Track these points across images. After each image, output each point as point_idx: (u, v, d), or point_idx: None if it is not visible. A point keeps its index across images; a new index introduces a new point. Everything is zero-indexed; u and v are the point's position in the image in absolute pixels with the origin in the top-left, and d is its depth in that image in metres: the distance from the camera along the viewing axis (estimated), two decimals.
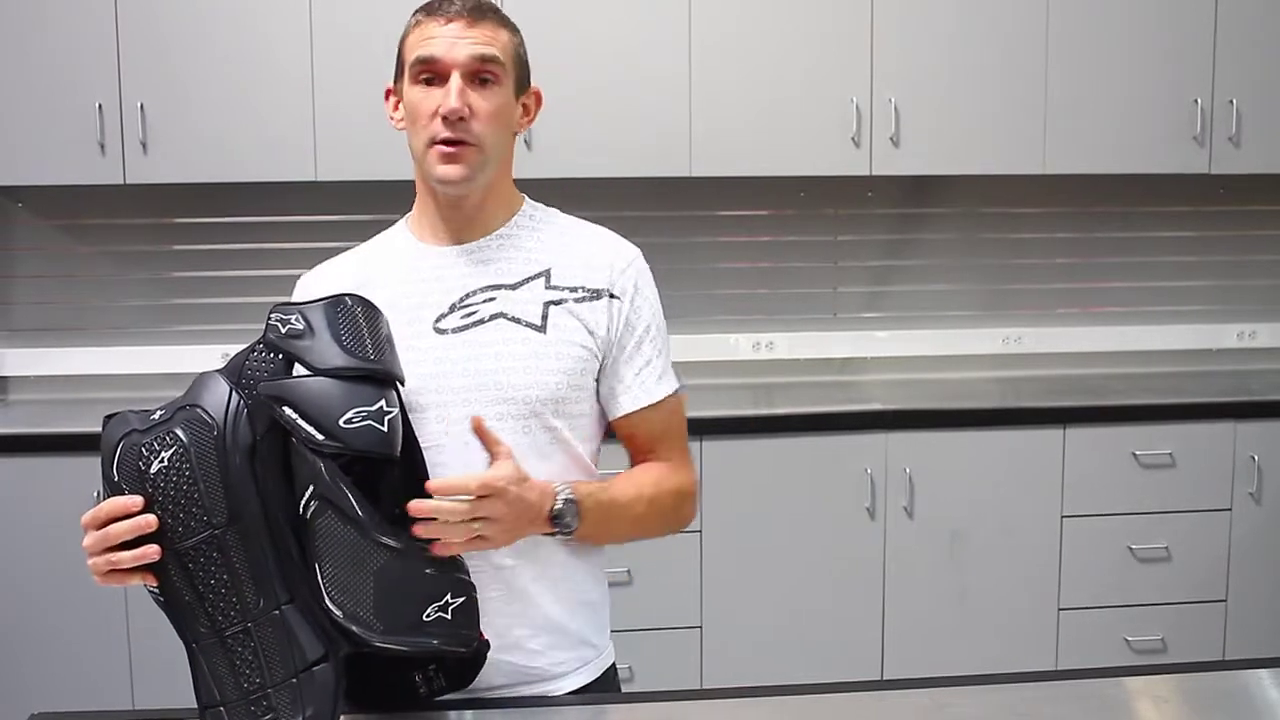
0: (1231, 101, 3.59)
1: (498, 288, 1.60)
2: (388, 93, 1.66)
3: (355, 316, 1.40)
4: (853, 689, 1.64)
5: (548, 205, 1.72)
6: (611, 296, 1.61)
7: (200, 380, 1.37)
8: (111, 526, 1.30)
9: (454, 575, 1.40)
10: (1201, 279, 4.04)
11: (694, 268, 3.75)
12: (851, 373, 3.92)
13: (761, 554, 3.38)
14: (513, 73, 1.59)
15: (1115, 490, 3.49)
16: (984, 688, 1.59)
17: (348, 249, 1.76)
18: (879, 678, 3.35)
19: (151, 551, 1.29)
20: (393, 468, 1.40)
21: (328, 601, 1.33)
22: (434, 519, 1.36)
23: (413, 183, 1.68)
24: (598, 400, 1.64)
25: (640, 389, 1.62)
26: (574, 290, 1.60)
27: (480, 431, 1.49)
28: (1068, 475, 3.47)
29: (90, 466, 2.95)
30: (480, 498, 1.39)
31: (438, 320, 1.58)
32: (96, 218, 3.69)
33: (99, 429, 1.37)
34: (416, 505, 1.36)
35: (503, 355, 1.56)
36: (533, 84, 1.66)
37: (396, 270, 1.64)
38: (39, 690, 3.18)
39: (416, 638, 1.36)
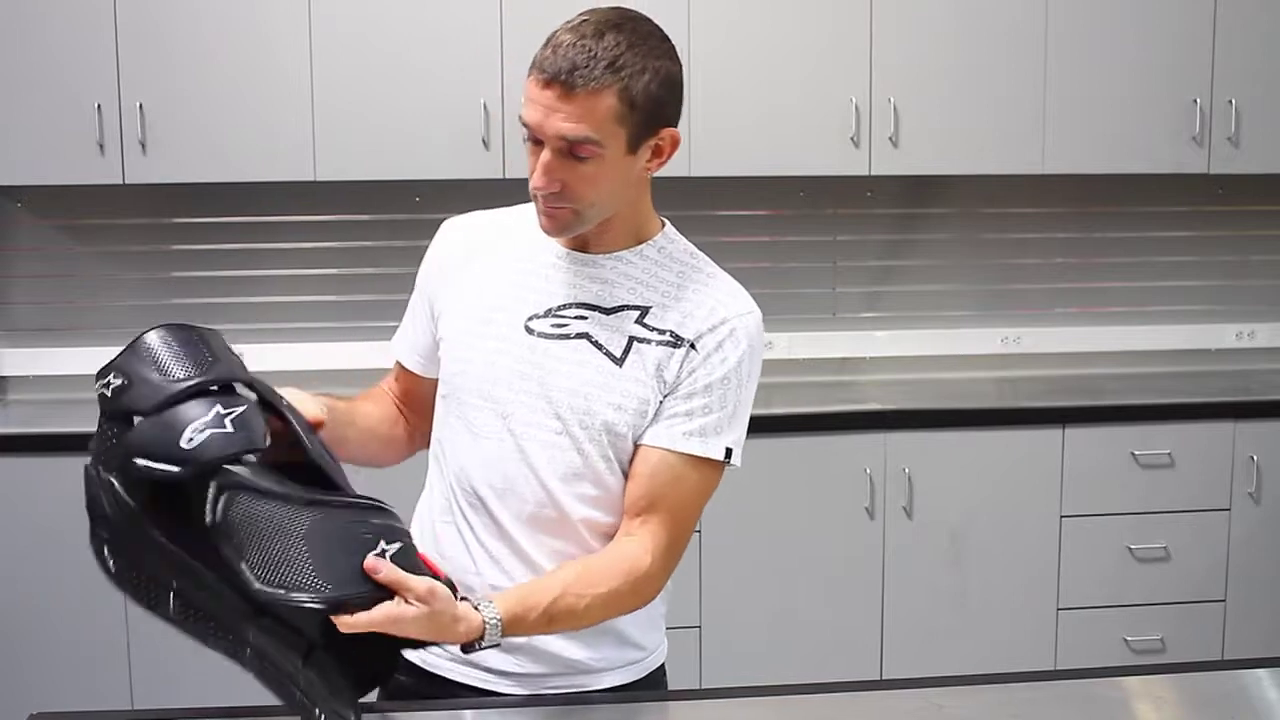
0: (1231, 101, 3.59)
1: (593, 308, 1.57)
2: None
3: (162, 346, 1.41)
4: (852, 689, 1.65)
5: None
6: (691, 347, 1.55)
7: (86, 476, 1.39)
8: None
9: (382, 523, 1.40)
10: (1200, 279, 4.04)
11: None
12: (850, 373, 3.92)
13: (761, 554, 3.38)
14: (622, 134, 1.49)
15: (1114, 490, 3.49)
16: (982, 688, 1.59)
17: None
18: (878, 677, 3.35)
19: None
20: (297, 461, 1.42)
21: (261, 585, 1.32)
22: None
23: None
24: None
25: (665, 429, 1.55)
26: (662, 334, 1.56)
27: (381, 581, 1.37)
28: (1067, 475, 3.47)
29: None
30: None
31: (530, 319, 1.58)
32: (95, 218, 3.69)
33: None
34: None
35: (573, 377, 1.55)
36: (673, 126, 1.55)
37: (518, 250, 1.62)
38: (39, 690, 3.18)
39: (365, 587, 1.34)
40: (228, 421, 1.36)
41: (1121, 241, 4.00)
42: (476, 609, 1.42)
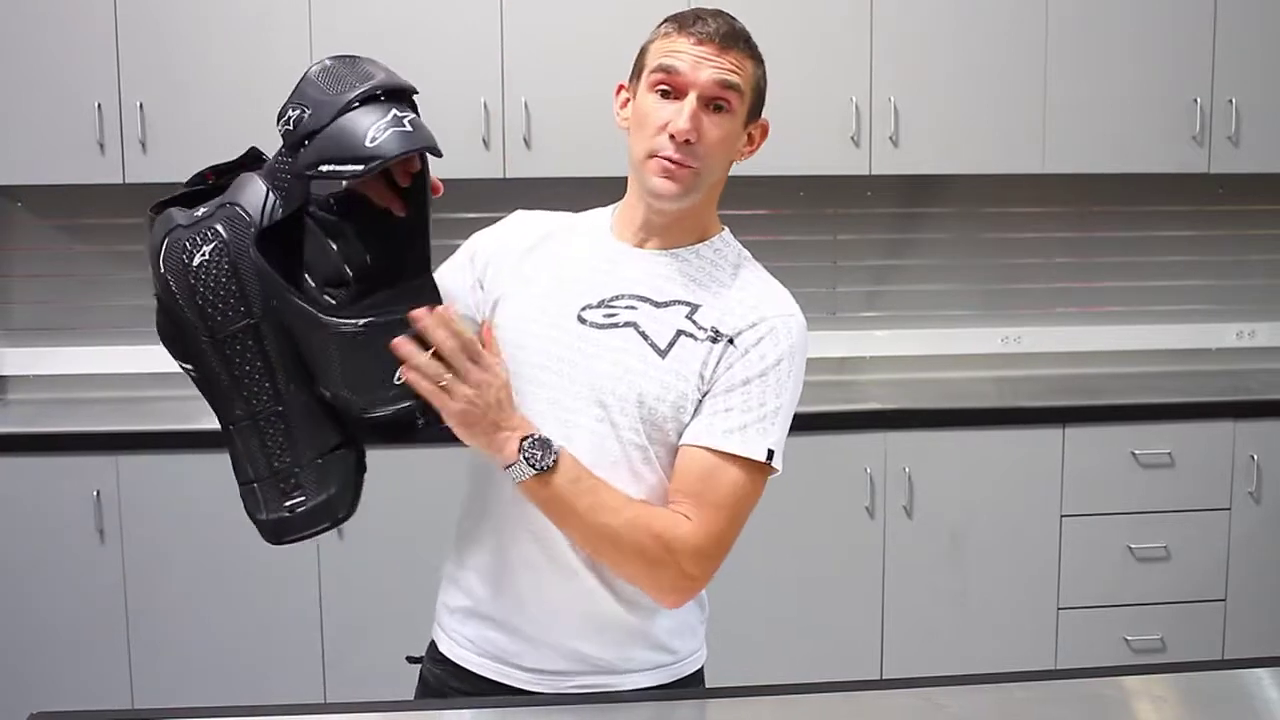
0: (1231, 101, 3.59)
1: (645, 300, 1.61)
2: (619, 88, 1.69)
3: (325, 72, 1.49)
4: (852, 688, 1.65)
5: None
6: (730, 342, 1.59)
7: (241, 181, 1.49)
8: None
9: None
10: (1200, 278, 4.04)
11: None
12: (850, 372, 3.92)
13: (761, 553, 3.37)
14: (748, 103, 1.61)
15: (1114, 490, 3.50)
16: (982, 687, 1.59)
17: None
18: (878, 677, 3.35)
19: None
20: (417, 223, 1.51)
21: (320, 385, 1.45)
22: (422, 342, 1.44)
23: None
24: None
25: (705, 427, 1.56)
26: (707, 331, 1.59)
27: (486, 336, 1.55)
28: (1067, 475, 3.47)
29: (89, 466, 2.95)
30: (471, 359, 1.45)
31: (584, 309, 1.61)
32: (96, 217, 3.69)
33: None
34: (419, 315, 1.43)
35: (617, 364, 1.57)
36: (763, 116, 1.67)
37: (581, 245, 1.68)
38: (39, 690, 3.18)
39: (394, 406, 1.44)
40: (406, 122, 1.42)
41: (1121, 241, 4.00)
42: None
